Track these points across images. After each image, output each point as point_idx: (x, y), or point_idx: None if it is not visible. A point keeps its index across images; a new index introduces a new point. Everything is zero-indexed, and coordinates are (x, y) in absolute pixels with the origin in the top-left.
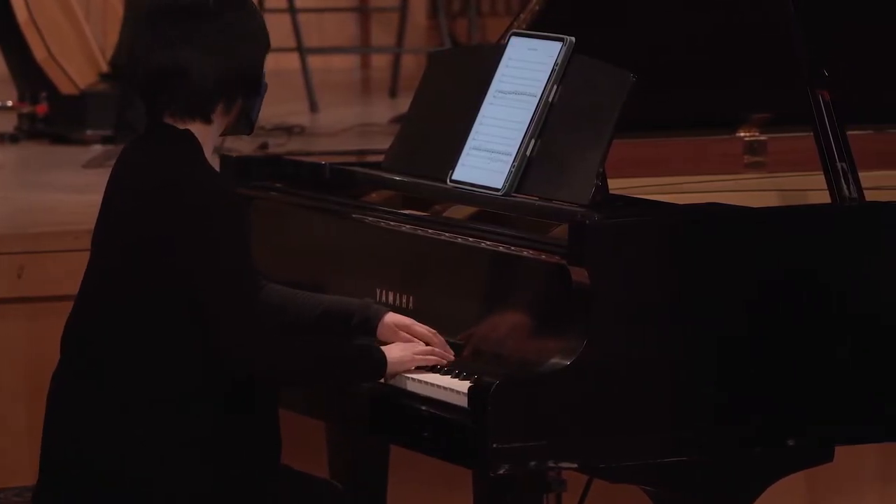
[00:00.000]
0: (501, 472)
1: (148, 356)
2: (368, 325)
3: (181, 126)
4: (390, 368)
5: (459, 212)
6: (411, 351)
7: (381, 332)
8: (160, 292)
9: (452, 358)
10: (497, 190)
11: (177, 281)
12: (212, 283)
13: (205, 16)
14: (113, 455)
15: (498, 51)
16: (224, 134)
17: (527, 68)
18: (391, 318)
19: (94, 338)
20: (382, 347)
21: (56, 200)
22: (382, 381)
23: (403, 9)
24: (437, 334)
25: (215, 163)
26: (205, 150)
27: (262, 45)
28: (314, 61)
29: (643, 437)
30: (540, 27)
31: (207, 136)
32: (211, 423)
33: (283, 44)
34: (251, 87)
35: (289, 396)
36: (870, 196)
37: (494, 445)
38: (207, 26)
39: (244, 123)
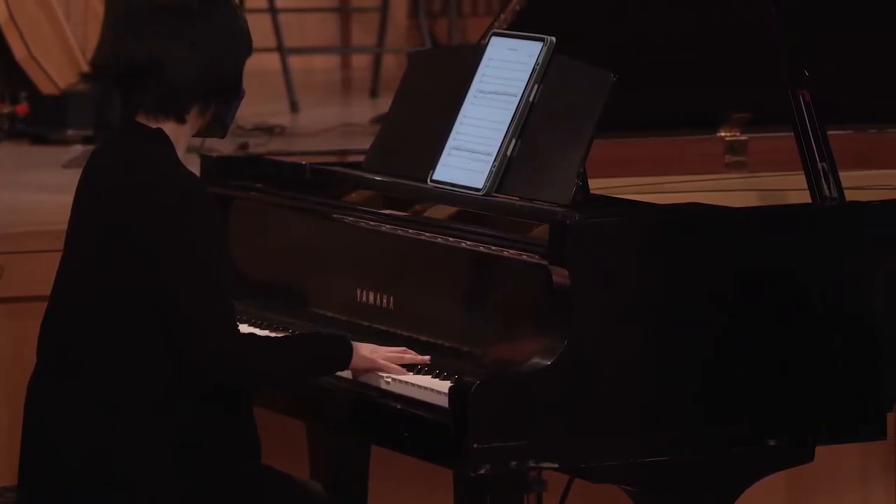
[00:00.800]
0: (482, 472)
1: (124, 356)
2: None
3: (154, 125)
4: (356, 362)
5: (440, 212)
6: (382, 352)
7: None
8: (136, 292)
9: (425, 360)
10: (478, 190)
11: (152, 281)
12: (186, 285)
13: (187, 15)
14: (92, 455)
15: (478, 51)
16: (197, 135)
17: (507, 68)
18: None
19: (70, 338)
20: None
21: (36, 200)
22: (354, 378)
23: (384, 9)
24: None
25: (189, 163)
26: (177, 149)
27: (244, 48)
28: (295, 61)
29: (624, 437)
30: (520, 27)
31: (180, 135)
32: (190, 422)
33: (264, 44)
34: (229, 89)
35: (269, 396)
36: (850, 196)
37: (475, 445)
38: (189, 25)
39: (218, 126)
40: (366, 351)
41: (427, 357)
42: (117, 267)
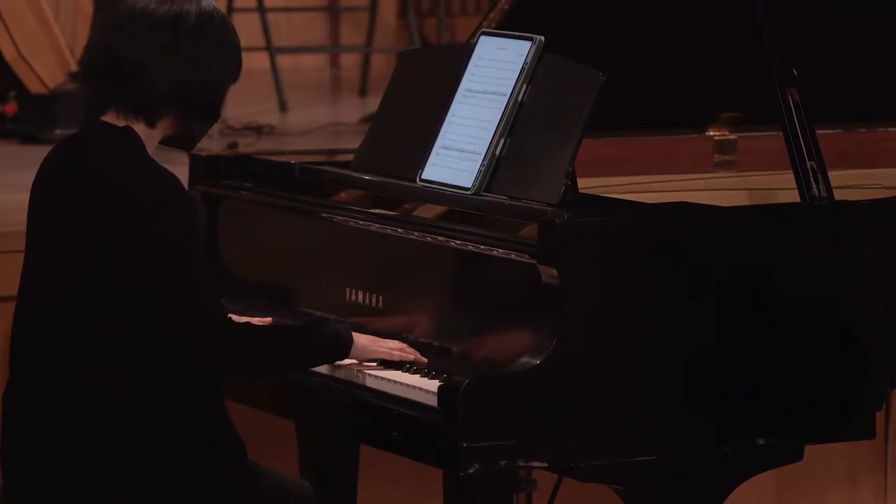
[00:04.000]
0: (471, 471)
1: (105, 357)
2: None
3: (122, 123)
4: (355, 352)
5: (429, 211)
6: (381, 343)
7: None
8: (114, 291)
9: (423, 360)
10: (466, 189)
11: (132, 279)
12: (169, 281)
13: (181, 27)
14: (75, 458)
15: (467, 50)
16: (164, 143)
17: (496, 67)
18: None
19: (47, 343)
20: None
21: (25, 200)
22: (343, 377)
23: (373, 8)
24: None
25: (178, 161)
26: (147, 148)
27: (230, 74)
28: (283, 61)
29: (613, 437)
30: (509, 26)
31: (148, 137)
32: (174, 422)
33: (253, 43)
34: (205, 110)
35: (259, 395)
36: (839, 195)
37: (464, 445)
38: (181, 36)
39: (187, 141)
40: (365, 341)
41: (425, 360)
42: (94, 267)
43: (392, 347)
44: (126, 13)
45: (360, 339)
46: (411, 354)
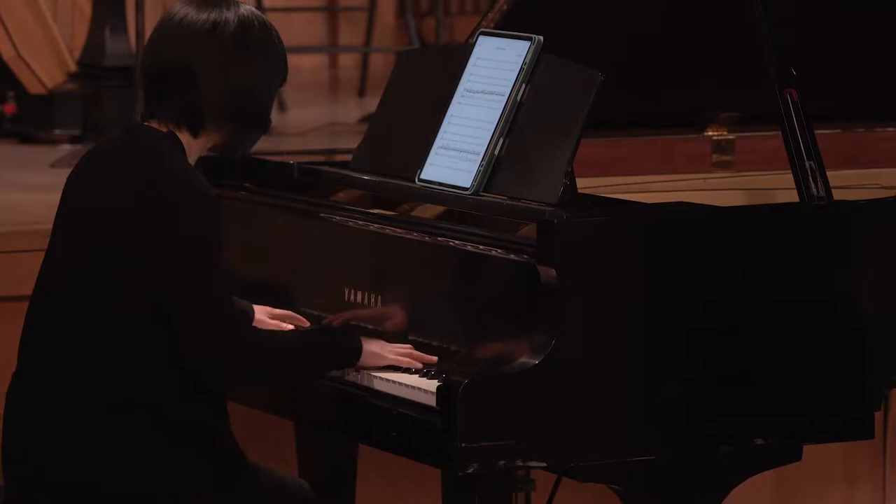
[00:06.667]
0: (470, 471)
1: (115, 358)
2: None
3: (164, 129)
4: (365, 359)
5: (428, 211)
6: (389, 349)
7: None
8: (132, 292)
9: (433, 360)
10: (465, 189)
11: (147, 281)
12: (178, 282)
13: (222, 35)
14: (74, 460)
15: (466, 50)
16: (214, 151)
17: (495, 67)
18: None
19: (57, 341)
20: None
21: (23, 200)
22: (354, 371)
23: (372, 8)
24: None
25: None
26: (189, 157)
27: (276, 78)
28: None
29: (611, 437)
30: (508, 26)
31: (192, 146)
32: (178, 422)
33: None
34: (254, 117)
35: (257, 395)
36: (838, 195)
37: (463, 445)
38: (222, 44)
39: (234, 150)
40: (375, 347)
41: (434, 357)
42: (102, 265)
43: (400, 353)
44: (167, 24)
45: (370, 346)
46: (419, 360)
